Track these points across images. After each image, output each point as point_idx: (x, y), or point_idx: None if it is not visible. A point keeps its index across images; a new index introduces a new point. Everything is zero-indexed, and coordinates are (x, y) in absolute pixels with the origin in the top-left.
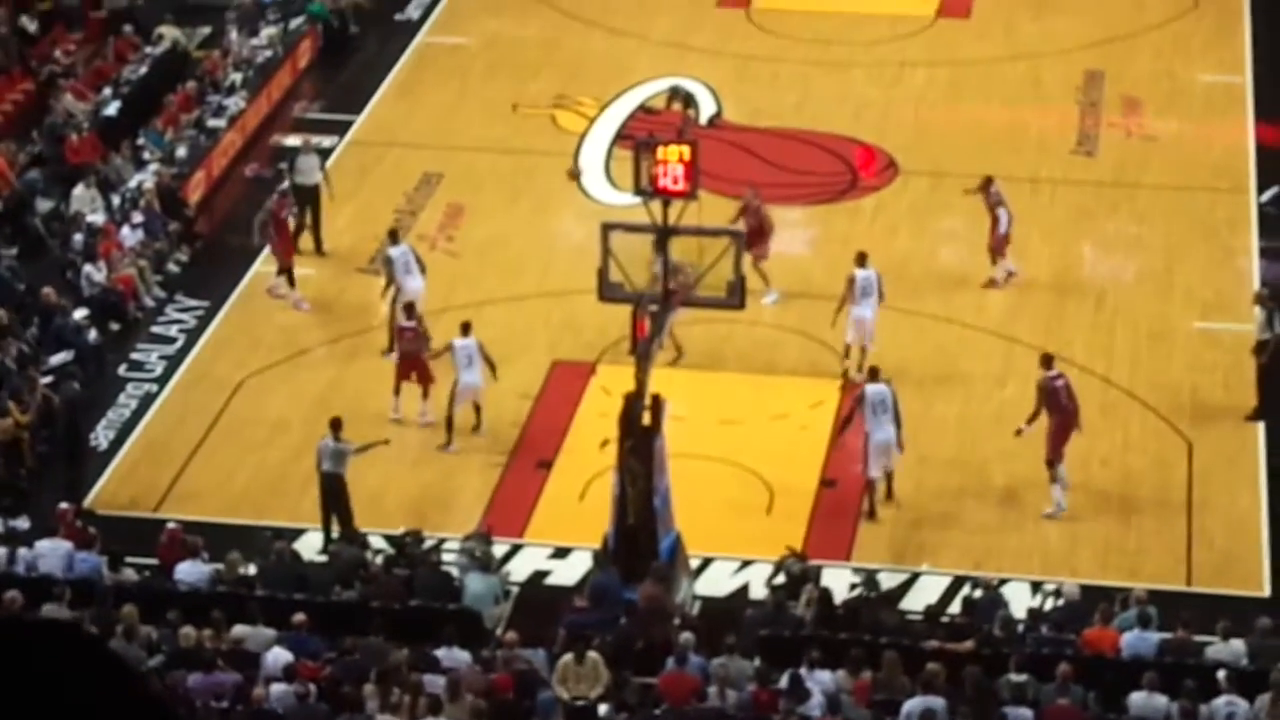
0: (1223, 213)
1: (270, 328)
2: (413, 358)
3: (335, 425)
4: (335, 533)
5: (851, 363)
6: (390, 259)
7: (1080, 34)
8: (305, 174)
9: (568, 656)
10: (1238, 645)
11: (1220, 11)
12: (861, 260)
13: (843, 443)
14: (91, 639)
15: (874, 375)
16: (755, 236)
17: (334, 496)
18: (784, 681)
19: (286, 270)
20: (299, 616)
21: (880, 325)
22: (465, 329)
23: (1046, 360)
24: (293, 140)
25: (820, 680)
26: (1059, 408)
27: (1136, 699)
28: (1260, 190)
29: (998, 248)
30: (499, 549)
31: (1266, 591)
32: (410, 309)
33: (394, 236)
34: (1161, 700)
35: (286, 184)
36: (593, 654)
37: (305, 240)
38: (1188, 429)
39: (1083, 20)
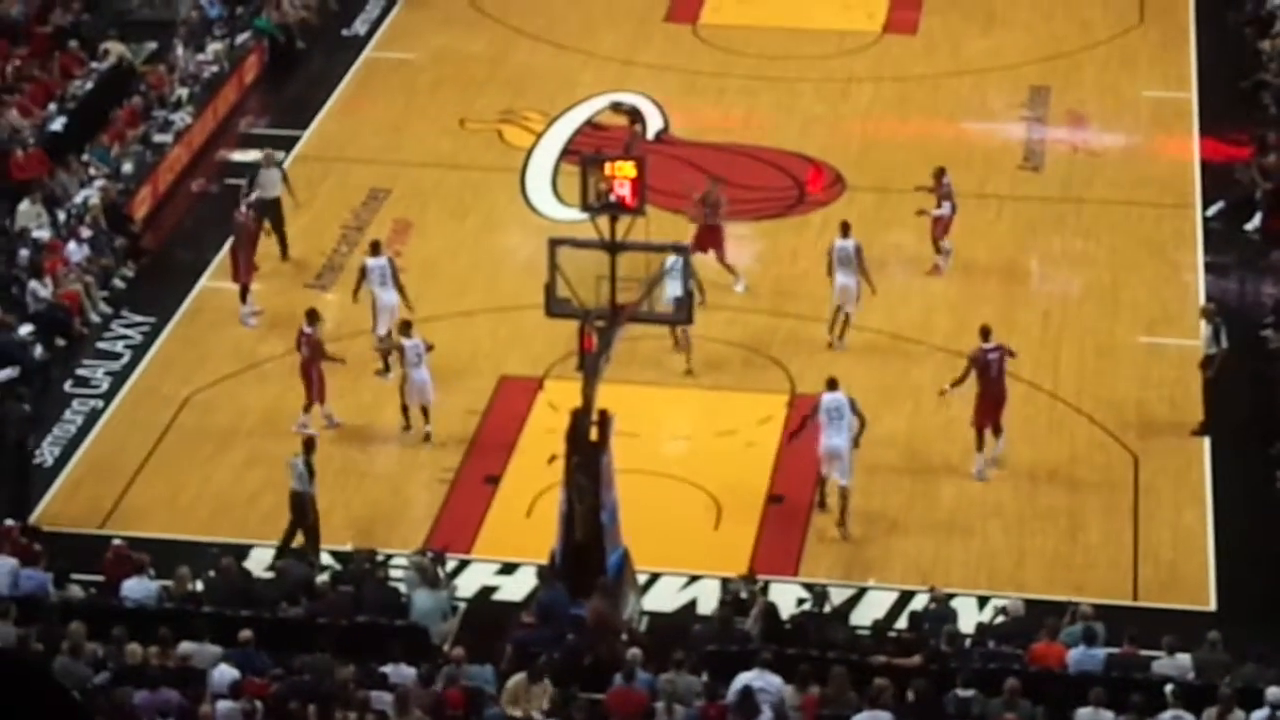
0: (1168, 228)
1: (216, 343)
2: (306, 366)
3: (307, 445)
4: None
5: (834, 333)
6: (366, 269)
7: (1026, 50)
8: (267, 188)
9: (520, 676)
10: (1184, 660)
11: (1165, 27)
12: (844, 230)
13: (793, 449)
14: (33, 668)
15: (832, 385)
16: (712, 232)
17: (300, 515)
18: (731, 696)
19: (245, 288)
20: (245, 633)
21: (824, 340)
22: (406, 327)
23: (984, 333)
24: (253, 155)
25: (770, 684)
26: (987, 380)
27: (1083, 715)
28: (1205, 205)
29: (940, 234)
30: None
31: (1213, 606)
32: (312, 315)
33: (374, 248)
34: (1108, 715)
35: (254, 195)
36: (546, 680)
37: (268, 250)
38: (1134, 443)
39: (1028, 36)
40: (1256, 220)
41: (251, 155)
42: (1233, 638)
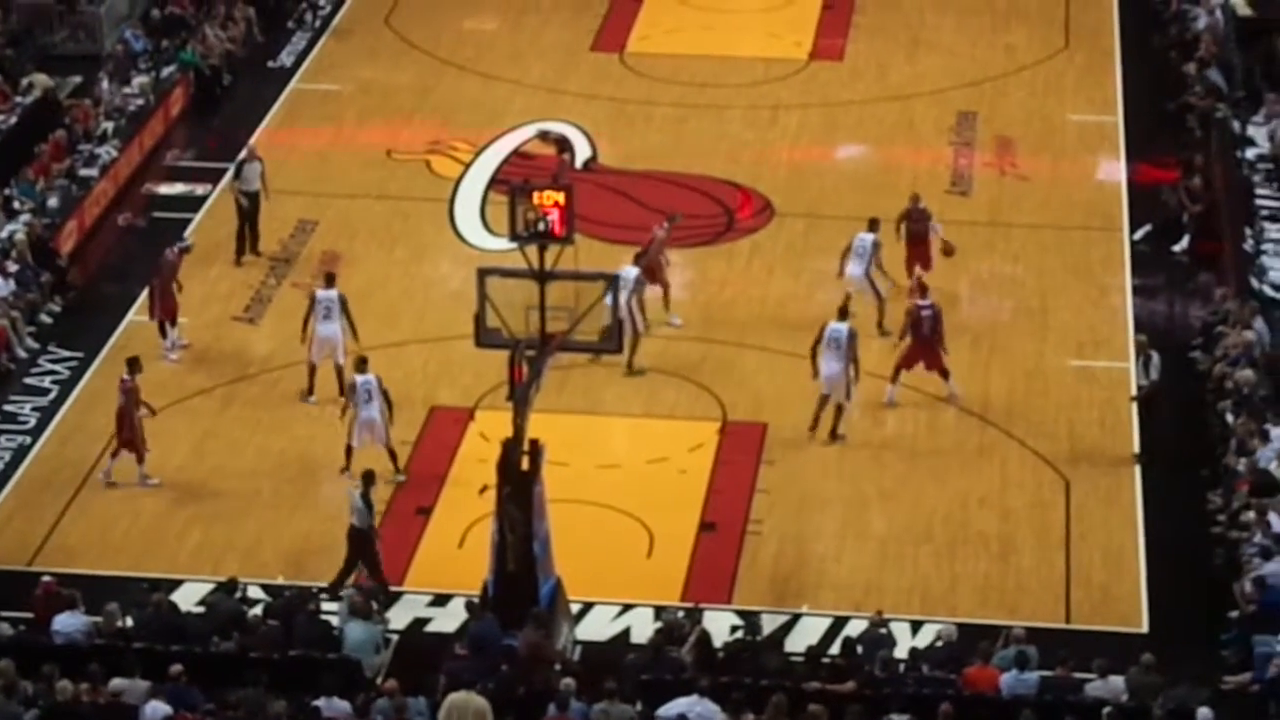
0: (1097, 251)
1: (144, 377)
2: (120, 413)
3: (367, 479)
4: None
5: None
6: (314, 300)
7: (953, 75)
8: (248, 181)
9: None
10: (1117, 682)
11: (1091, 51)
12: (841, 314)
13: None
14: None
15: (842, 314)
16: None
17: (358, 549)
18: None
19: (162, 325)
20: (176, 668)
21: (759, 368)
22: (362, 364)
23: (922, 289)
24: (179, 189)
25: (706, 711)
26: (917, 336)
27: None
28: (1133, 229)
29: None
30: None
31: (1145, 627)
32: (133, 364)
33: (328, 280)
34: None
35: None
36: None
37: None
38: (1065, 467)
39: (955, 61)
40: (1184, 242)
41: (179, 188)
42: (1165, 659)
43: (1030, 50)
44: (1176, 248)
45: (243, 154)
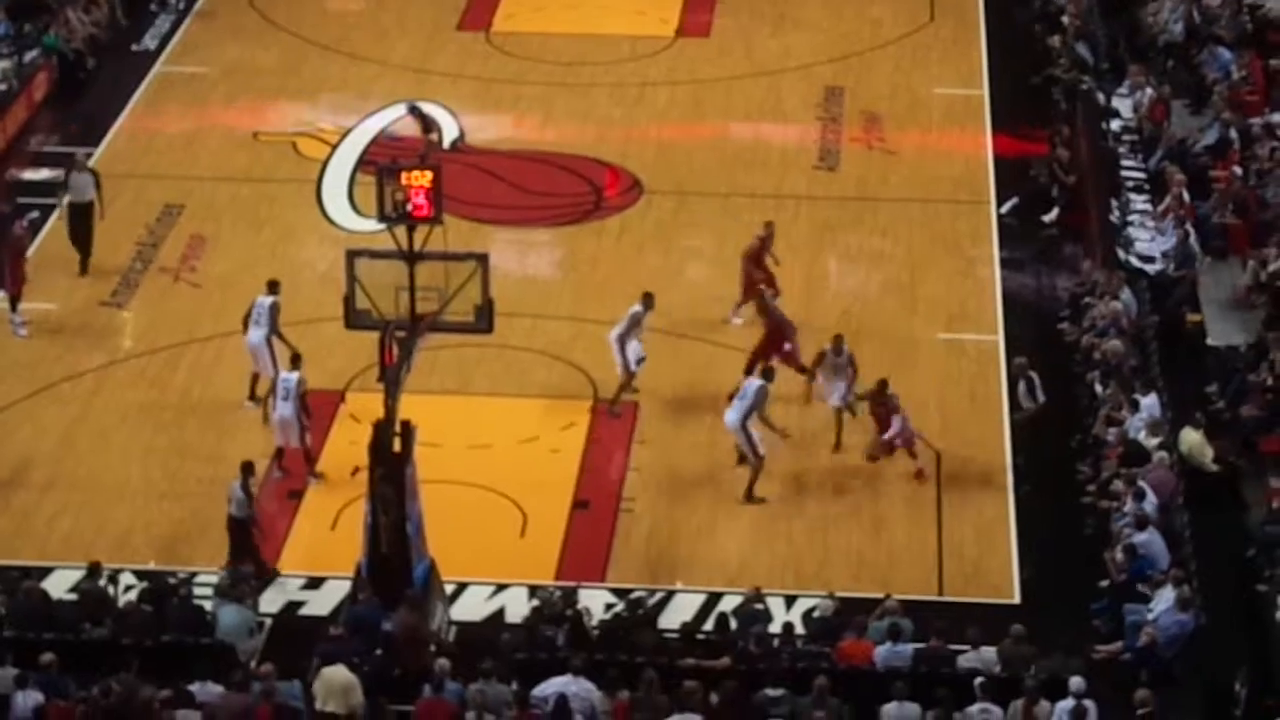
0: (964, 224)
1: (8, 364)
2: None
3: (245, 469)
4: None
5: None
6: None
7: (819, 50)
8: (78, 191)
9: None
10: (989, 653)
11: (956, 25)
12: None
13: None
14: None
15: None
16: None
17: (237, 540)
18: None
19: (14, 299)
20: (48, 656)
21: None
22: (294, 361)
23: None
24: (44, 174)
25: (581, 689)
26: (770, 325)
27: (889, 709)
28: (999, 201)
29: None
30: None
31: (1016, 599)
32: None
33: (271, 286)
34: (914, 709)
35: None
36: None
37: (70, 256)
38: (936, 439)
39: (821, 36)
40: (1054, 213)
41: (44, 173)
42: (1037, 629)
43: (896, 24)
44: (1046, 218)
45: (71, 164)
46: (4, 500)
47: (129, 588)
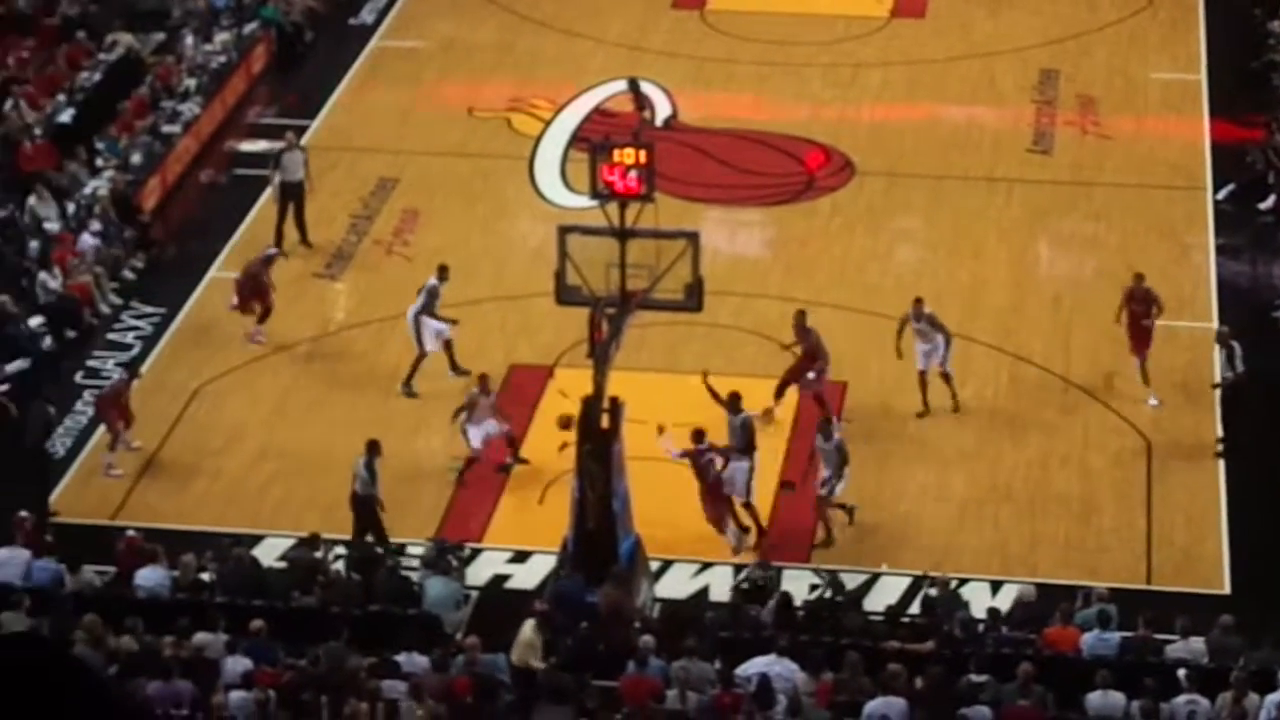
0: (1179, 210)
1: (226, 334)
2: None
3: (371, 448)
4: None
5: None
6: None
7: (1035, 32)
8: (290, 171)
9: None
10: (1197, 644)
11: (1174, 9)
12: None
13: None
14: (59, 650)
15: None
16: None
17: (361, 517)
18: (742, 680)
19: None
20: (257, 623)
21: (836, 326)
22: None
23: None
24: (262, 145)
25: (785, 670)
26: (806, 349)
27: (1093, 698)
28: (1216, 188)
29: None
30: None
31: (1227, 589)
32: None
33: (440, 271)
34: (1119, 698)
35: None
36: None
37: (290, 234)
38: (1147, 427)
39: (1038, 19)
40: (1270, 201)
41: (261, 145)
42: (1246, 621)
43: (1113, 8)
44: (1263, 205)
45: (282, 144)
46: (216, 468)
47: (338, 558)
